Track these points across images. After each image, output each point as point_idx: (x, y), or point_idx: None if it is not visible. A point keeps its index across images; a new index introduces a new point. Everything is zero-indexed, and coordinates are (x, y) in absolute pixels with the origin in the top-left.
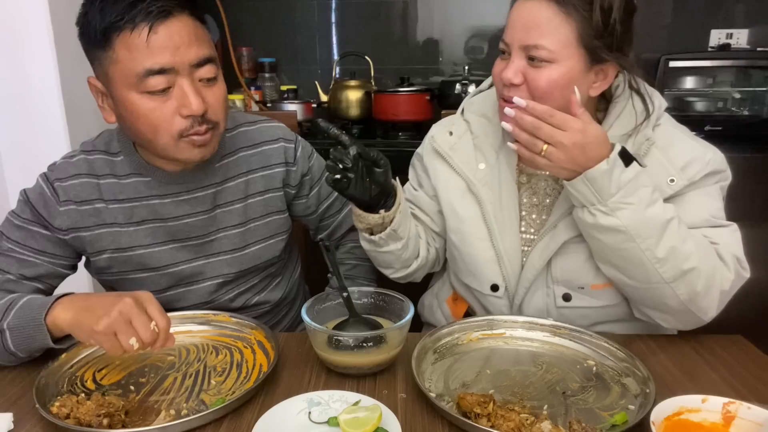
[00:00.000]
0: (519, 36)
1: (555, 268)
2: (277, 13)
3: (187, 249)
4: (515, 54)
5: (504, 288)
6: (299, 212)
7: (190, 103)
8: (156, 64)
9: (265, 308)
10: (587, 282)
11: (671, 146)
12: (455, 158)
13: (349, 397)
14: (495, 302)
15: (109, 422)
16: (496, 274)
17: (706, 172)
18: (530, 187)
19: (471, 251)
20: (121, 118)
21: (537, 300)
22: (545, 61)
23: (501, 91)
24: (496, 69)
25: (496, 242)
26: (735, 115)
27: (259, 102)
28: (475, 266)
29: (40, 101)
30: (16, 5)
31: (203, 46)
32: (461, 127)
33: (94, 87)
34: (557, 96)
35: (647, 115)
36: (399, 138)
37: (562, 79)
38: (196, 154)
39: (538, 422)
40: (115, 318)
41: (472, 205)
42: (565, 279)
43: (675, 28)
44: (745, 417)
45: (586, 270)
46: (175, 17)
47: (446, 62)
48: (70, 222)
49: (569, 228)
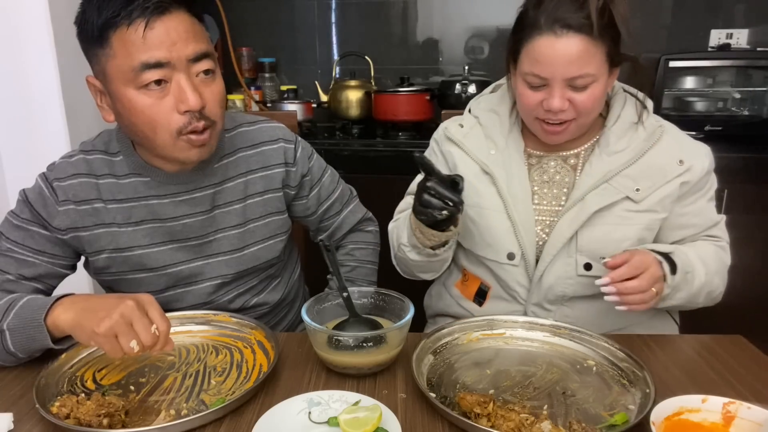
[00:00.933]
0: (561, 71)
1: (582, 237)
2: (277, 13)
3: (186, 249)
4: (558, 85)
5: (520, 255)
6: (299, 213)
7: (188, 98)
8: (152, 57)
9: (264, 309)
10: (610, 252)
11: (673, 131)
12: (468, 144)
13: (349, 397)
14: (511, 270)
15: (109, 422)
16: (513, 243)
17: (707, 165)
18: (540, 167)
19: (488, 222)
20: (119, 116)
21: (558, 268)
22: (588, 83)
23: (542, 115)
24: (532, 99)
25: (511, 213)
26: (735, 115)
27: (259, 102)
28: (492, 237)
29: (40, 101)
30: (16, 5)
31: (200, 41)
32: (471, 121)
33: (92, 86)
34: (598, 106)
35: (643, 105)
36: (399, 138)
37: (601, 93)
38: (194, 154)
39: (538, 422)
40: (117, 320)
41: (487, 183)
42: (590, 249)
43: (675, 28)
44: (745, 417)
45: (609, 241)
46: (172, 13)
47: (446, 62)
48: (69, 222)
49: (598, 200)
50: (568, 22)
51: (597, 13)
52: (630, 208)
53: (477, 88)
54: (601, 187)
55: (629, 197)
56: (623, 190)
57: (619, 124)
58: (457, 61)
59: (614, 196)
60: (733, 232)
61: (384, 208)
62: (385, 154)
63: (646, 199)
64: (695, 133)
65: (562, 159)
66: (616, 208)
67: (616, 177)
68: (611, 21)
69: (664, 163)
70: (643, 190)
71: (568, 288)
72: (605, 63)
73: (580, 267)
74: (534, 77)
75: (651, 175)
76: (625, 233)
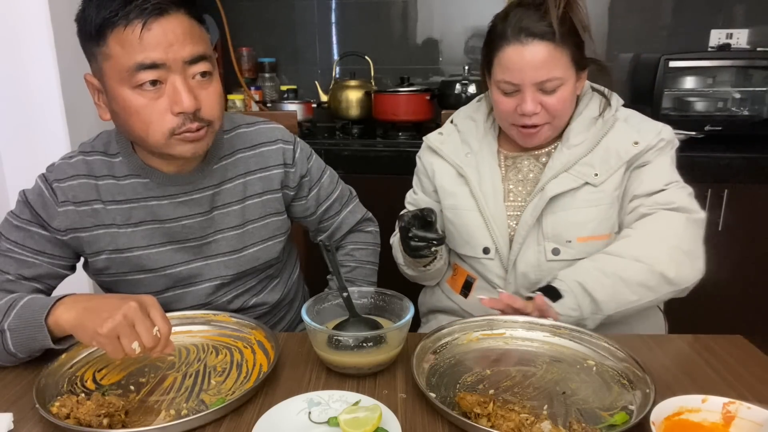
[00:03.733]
0: (530, 75)
1: (546, 224)
2: (277, 13)
3: (185, 250)
4: (529, 89)
5: (495, 250)
6: (298, 214)
7: (182, 100)
8: (147, 58)
9: (264, 309)
10: (574, 235)
11: (631, 117)
12: (445, 150)
13: (349, 397)
14: (488, 264)
15: (109, 422)
16: (486, 238)
17: (660, 138)
18: (515, 167)
19: (463, 221)
20: (114, 115)
21: (529, 256)
22: (556, 87)
23: (518, 120)
24: (507, 106)
25: (483, 211)
26: (735, 115)
27: (259, 102)
28: (469, 234)
29: (40, 101)
30: (16, 5)
31: (198, 44)
32: (449, 128)
33: (90, 84)
34: (568, 108)
35: (607, 102)
36: (399, 138)
37: (570, 95)
38: (188, 149)
39: (538, 422)
40: (120, 321)
41: (462, 185)
42: (555, 234)
43: (675, 28)
44: (745, 417)
45: (571, 224)
46: (171, 15)
47: (446, 62)
48: (68, 223)
49: (554, 187)
50: (533, 31)
51: (558, 21)
52: (592, 192)
53: (477, 88)
54: (561, 176)
55: (589, 182)
56: (583, 177)
57: (580, 120)
58: (457, 61)
59: (573, 183)
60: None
61: (384, 208)
62: (385, 154)
63: (606, 182)
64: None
65: (535, 158)
66: (580, 193)
67: (575, 166)
68: (572, 28)
69: (619, 146)
70: (602, 174)
71: (541, 273)
72: (571, 66)
73: (548, 253)
74: (506, 84)
75: (608, 159)
76: (588, 215)
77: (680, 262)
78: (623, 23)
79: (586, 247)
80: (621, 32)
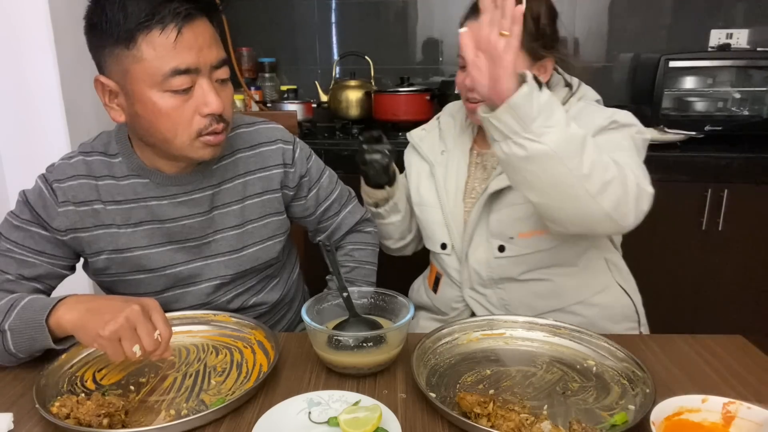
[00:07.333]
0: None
1: (492, 222)
2: (277, 13)
3: (185, 250)
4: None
5: (451, 246)
6: (298, 214)
7: (212, 102)
8: (182, 63)
9: (263, 309)
10: (516, 232)
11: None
12: (423, 147)
13: (349, 397)
14: (446, 259)
15: (109, 422)
16: (444, 235)
17: (611, 120)
18: (481, 163)
19: (426, 217)
20: (136, 117)
21: (479, 253)
22: None
23: (466, 95)
24: (459, 79)
25: (444, 207)
26: (735, 115)
27: (259, 102)
28: (430, 230)
29: (40, 101)
30: (16, 5)
31: (221, 49)
32: (432, 125)
33: (101, 85)
34: None
35: (571, 91)
36: (399, 138)
37: None
38: (207, 153)
39: (538, 422)
40: (122, 324)
41: (431, 183)
42: (500, 231)
43: (675, 28)
44: (745, 417)
45: (514, 220)
46: (198, 19)
47: (446, 62)
48: (68, 223)
49: (495, 184)
50: None
51: None
52: None
53: None
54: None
55: None
56: None
57: None
58: (457, 61)
59: None
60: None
61: None
62: None
63: None
64: (695, 133)
65: None
66: None
67: None
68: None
69: None
70: None
71: (492, 271)
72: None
73: (495, 250)
74: (459, 57)
75: None
76: (527, 210)
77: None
78: (623, 23)
79: (530, 242)
80: (621, 32)
